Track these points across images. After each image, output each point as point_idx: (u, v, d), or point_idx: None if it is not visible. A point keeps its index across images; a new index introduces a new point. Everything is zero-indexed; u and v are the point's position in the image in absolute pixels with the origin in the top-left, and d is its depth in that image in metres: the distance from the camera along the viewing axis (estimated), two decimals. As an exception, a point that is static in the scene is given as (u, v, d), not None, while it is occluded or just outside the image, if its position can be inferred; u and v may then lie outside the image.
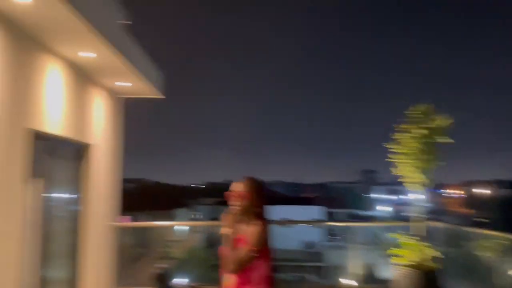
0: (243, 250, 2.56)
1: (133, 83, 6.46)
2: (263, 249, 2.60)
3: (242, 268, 2.56)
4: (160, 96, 7.31)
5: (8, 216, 4.02)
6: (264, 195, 2.72)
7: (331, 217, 39.33)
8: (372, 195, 58.35)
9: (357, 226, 8.74)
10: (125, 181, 7.80)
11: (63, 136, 5.23)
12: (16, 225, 4.12)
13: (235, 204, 2.74)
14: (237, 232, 2.63)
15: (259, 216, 2.66)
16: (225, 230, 2.69)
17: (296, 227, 31.93)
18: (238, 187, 2.78)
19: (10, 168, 4.03)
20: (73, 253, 5.92)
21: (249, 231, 2.59)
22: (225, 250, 2.63)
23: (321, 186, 66.06)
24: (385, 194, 56.17)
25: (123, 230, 7.36)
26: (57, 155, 5.58)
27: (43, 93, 4.64)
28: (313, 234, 33.68)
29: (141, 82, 6.41)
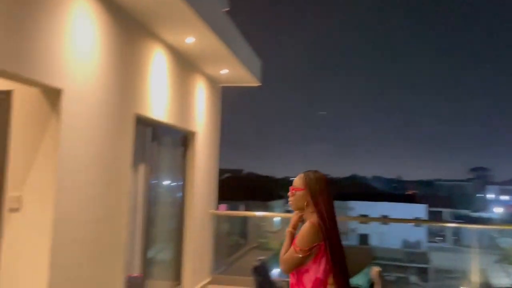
0: (290, 250, 2.41)
1: (233, 71, 6.42)
2: (318, 250, 2.34)
3: (289, 269, 2.40)
4: (257, 83, 7.20)
5: (117, 201, 4.15)
6: (322, 191, 2.46)
7: (435, 216, 36.62)
8: (485, 195, 53.27)
9: (469, 228, 7.78)
10: (221, 171, 7.84)
11: (169, 123, 5.34)
12: (123, 209, 4.26)
13: (292, 200, 2.56)
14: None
15: (316, 214, 2.42)
16: (288, 229, 2.56)
17: (397, 225, 30.27)
18: (296, 182, 2.56)
19: (119, 154, 4.17)
20: (175, 238, 6.09)
21: (301, 230, 2.43)
22: (282, 249, 2.49)
23: (425, 183, 61.91)
24: (498, 194, 51.00)
25: (221, 219, 7.42)
26: (162, 142, 5.75)
27: (149, 80, 4.75)
28: (415, 234, 31.66)
29: (241, 69, 6.34)
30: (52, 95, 3.32)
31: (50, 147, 3.29)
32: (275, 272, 5.56)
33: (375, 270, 5.43)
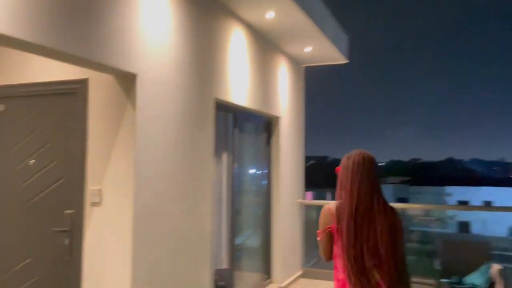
0: None
1: (318, 48, 5.89)
2: (333, 233, 2.22)
3: (322, 255, 2.31)
4: (344, 61, 6.59)
5: (200, 191, 3.91)
6: (351, 173, 2.23)
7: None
8: None
9: None
10: (306, 158, 7.39)
11: (251, 108, 5.00)
12: (207, 200, 4.01)
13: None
14: None
15: (338, 196, 2.28)
16: None
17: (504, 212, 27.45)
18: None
19: (200, 141, 3.91)
20: (263, 229, 5.78)
21: None
22: None
23: (533, 164, 55.65)
24: None
25: (310, 208, 6.99)
26: (244, 129, 5.44)
27: (228, 62, 4.43)
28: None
29: (327, 45, 5.79)
30: (127, 81, 3.10)
31: (127, 137, 3.09)
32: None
33: (495, 267, 4.65)
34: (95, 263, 3.15)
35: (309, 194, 7.29)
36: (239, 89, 4.69)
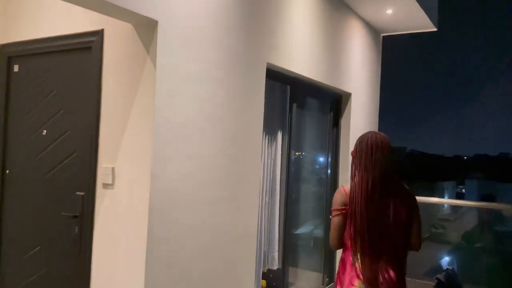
0: None
1: (401, 11, 4.86)
2: (350, 216, 2.16)
3: (334, 239, 2.22)
4: (432, 28, 5.45)
5: (244, 178, 3.18)
6: (365, 156, 2.20)
7: None
8: None
9: None
10: None
11: (315, 80, 4.16)
12: (253, 189, 3.27)
13: None
14: None
15: (352, 178, 2.24)
16: None
17: None
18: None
19: (244, 115, 3.16)
20: (324, 224, 4.95)
21: None
22: None
23: None
24: None
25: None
26: (305, 105, 4.61)
27: (287, 21, 3.62)
28: None
29: (412, 8, 4.75)
30: (148, 31, 2.42)
31: (146, 102, 2.42)
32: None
33: None
34: (105, 260, 2.55)
35: None
36: (300, 56, 3.86)
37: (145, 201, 2.36)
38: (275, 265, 3.94)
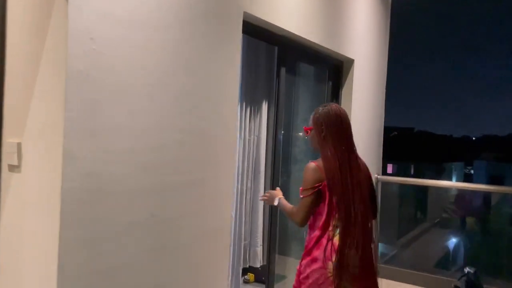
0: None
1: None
2: (324, 191, 2.12)
3: (303, 218, 2.18)
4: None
5: (213, 156, 2.52)
6: (331, 129, 2.18)
7: None
8: None
9: None
10: (387, 129, 5.74)
11: (311, 41, 3.45)
12: (227, 169, 2.61)
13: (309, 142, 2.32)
14: None
15: (323, 154, 2.16)
16: None
17: None
18: (310, 119, 2.29)
19: (219, 81, 2.48)
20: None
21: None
22: None
23: None
24: None
25: (389, 185, 5.35)
26: (298, 71, 3.91)
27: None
28: None
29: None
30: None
31: (57, 50, 1.73)
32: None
33: None
34: (9, 268, 1.91)
35: (390, 166, 5.75)
36: (290, 10, 3.13)
37: (56, 189, 1.70)
38: (258, 262, 3.31)
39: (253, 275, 3.73)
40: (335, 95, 4.27)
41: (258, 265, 3.29)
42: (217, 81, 2.50)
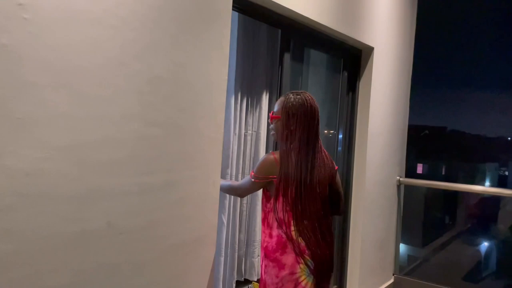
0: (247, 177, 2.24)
1: None
2: (276, 187, 1.97)
3: (244, 192, 2.23)
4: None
5: (195, 153, 2.16)
6: (299, 121, 1.97)
7: None
8: None
9: None
10: (418, 127, 5.23)
11: (323, 25, 3.03)
12: (211, 171, 2.23)
13: (273, 131, 2.14)
14: None
15: (285, 148, 1.99)
16: None
17: None
18: (276, 106, 2.11)
19: (202, 65, 2.11)
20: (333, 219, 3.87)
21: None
22: None
23: None
24: None
25: (414, 188, 4.86)
26: (309, 59, 3.48)
27: None
28: None
29: None
30: None
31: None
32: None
33: None
34: None
35: (421, 166, 5.33)
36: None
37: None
38: (255, 275, 2.92)
39: (257, 284, 3.37)
40: (352, 87, 3.82)
41: (255, 278, 2.90)
42: (200, 67, 2.11)
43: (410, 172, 4.94)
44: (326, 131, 3.85)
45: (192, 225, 2.14)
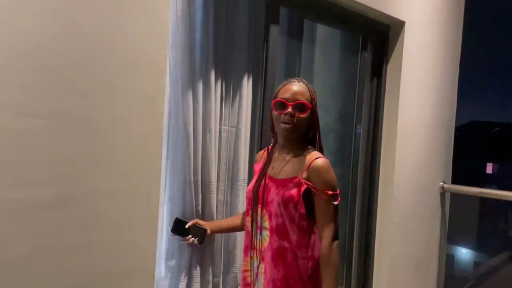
0: (323, 204, 1.83)
1: None
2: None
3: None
4: None
5: (136, 155, 1.61)
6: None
7: None
8: None
9: None
10: (488, 124, 4.34)
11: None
12: (150, 177, 1.67)
13: (291, 124, 1.79)
14: None
15: (317, 149, 1.78)
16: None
17: None
18: (303, 94, 1.78)
19: (127, 40, 1.56)
20: (356, 227, 3.16)
21: (317, 168, 1.76)
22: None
23: None
24: None
25: (461, 198, 4.01)
26: (314, 39, 2.80)
27: None
28: None
29: None
30: None
31: None
32: None
33: None
34: None
35: (491, 165, 4.49)
36: None
37: None
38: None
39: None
40: (376, 73, 3.07)
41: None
42: (123, 40, 1.53)
43: (476, 173, 4.05)
44: (335, 128, 3.15)
45: (111, 256, 1.57)
